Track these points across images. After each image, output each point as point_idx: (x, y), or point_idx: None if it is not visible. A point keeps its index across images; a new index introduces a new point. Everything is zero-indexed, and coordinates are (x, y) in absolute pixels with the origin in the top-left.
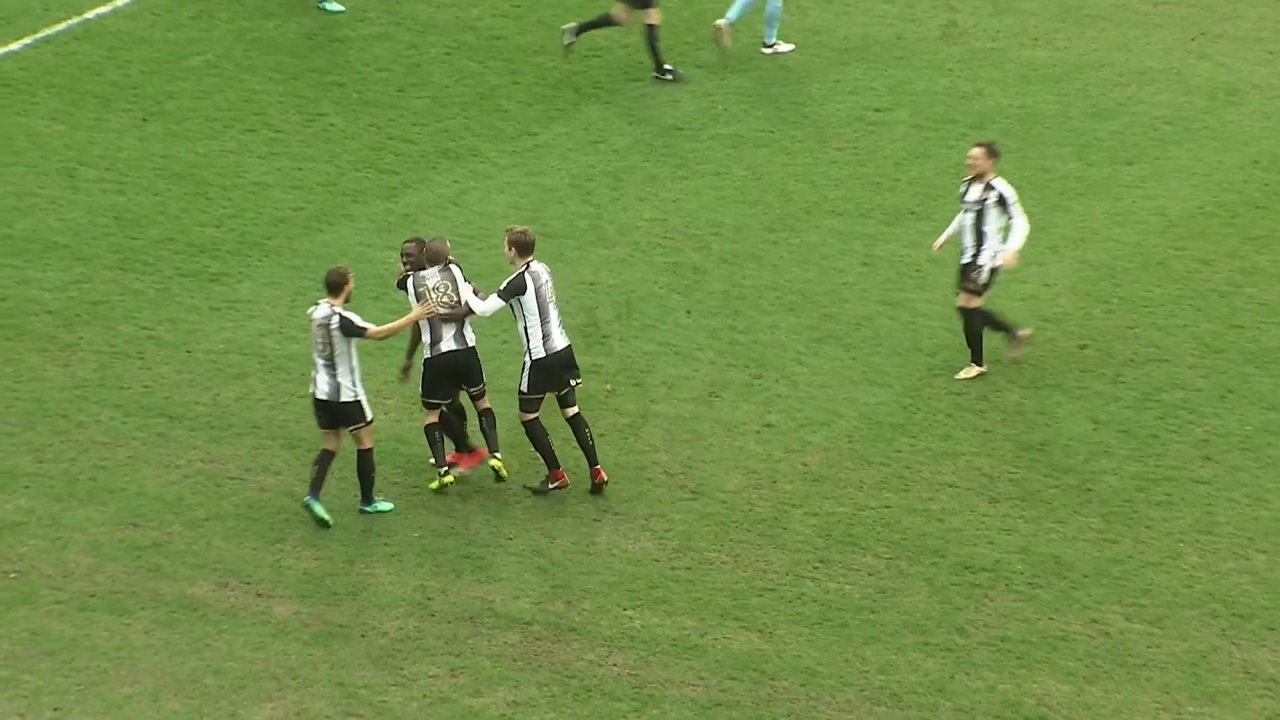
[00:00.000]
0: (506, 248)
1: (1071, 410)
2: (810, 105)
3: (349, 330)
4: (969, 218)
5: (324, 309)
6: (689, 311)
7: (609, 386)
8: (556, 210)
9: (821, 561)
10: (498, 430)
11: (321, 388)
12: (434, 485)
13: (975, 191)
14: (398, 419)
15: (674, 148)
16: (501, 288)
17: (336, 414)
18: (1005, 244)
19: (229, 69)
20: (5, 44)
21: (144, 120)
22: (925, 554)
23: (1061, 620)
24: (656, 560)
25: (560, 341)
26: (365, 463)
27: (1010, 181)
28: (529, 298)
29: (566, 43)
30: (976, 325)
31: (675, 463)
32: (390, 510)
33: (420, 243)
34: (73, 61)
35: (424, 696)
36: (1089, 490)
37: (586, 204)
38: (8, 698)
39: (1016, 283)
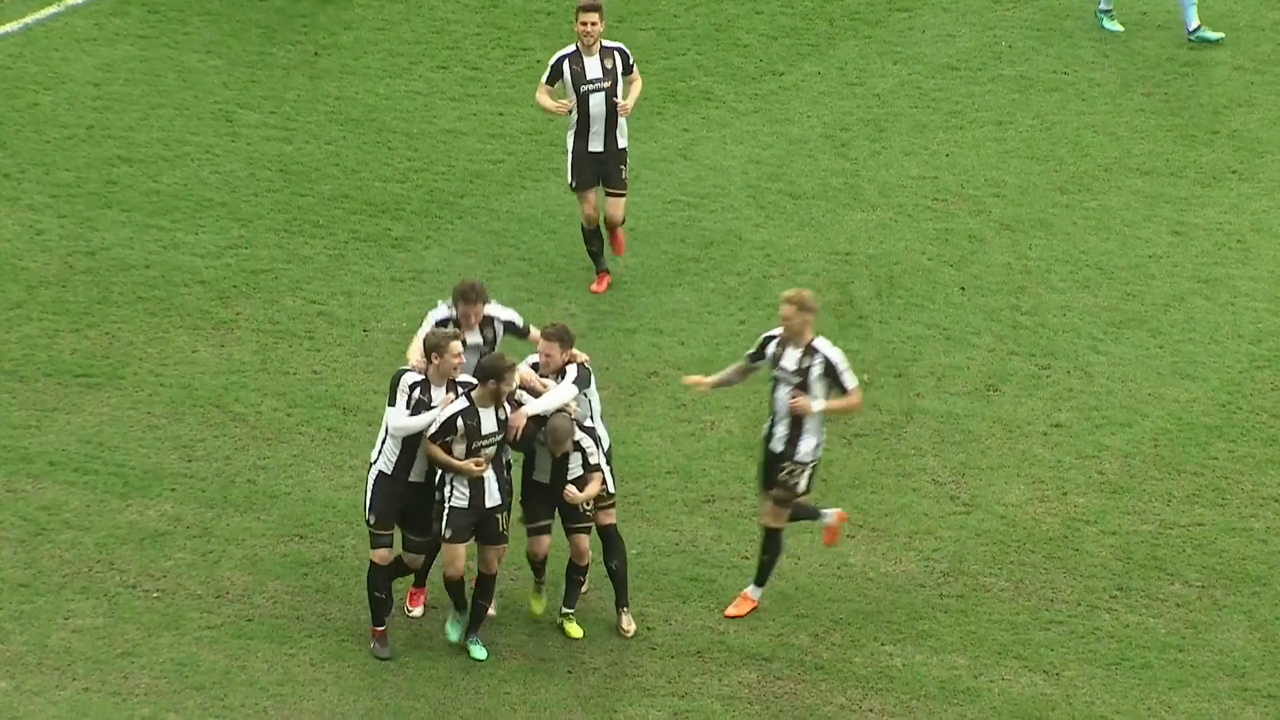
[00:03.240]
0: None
1: None
2: (1112, 42)
3: None
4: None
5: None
6: (963, 288)
7: (866, 377)
8: (805, 165)
9: (1120, 590)
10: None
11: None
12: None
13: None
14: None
15: (947, 92)
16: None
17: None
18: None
19: None
20: None
21: (315, 55)
22: (1245, 582)
23: None
24: (921, 586)
25: None
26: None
27: None
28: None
29: None
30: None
31: (945, 469)
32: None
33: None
34: None
35: None
36: None
37: (841, 158)
38: None
39: None
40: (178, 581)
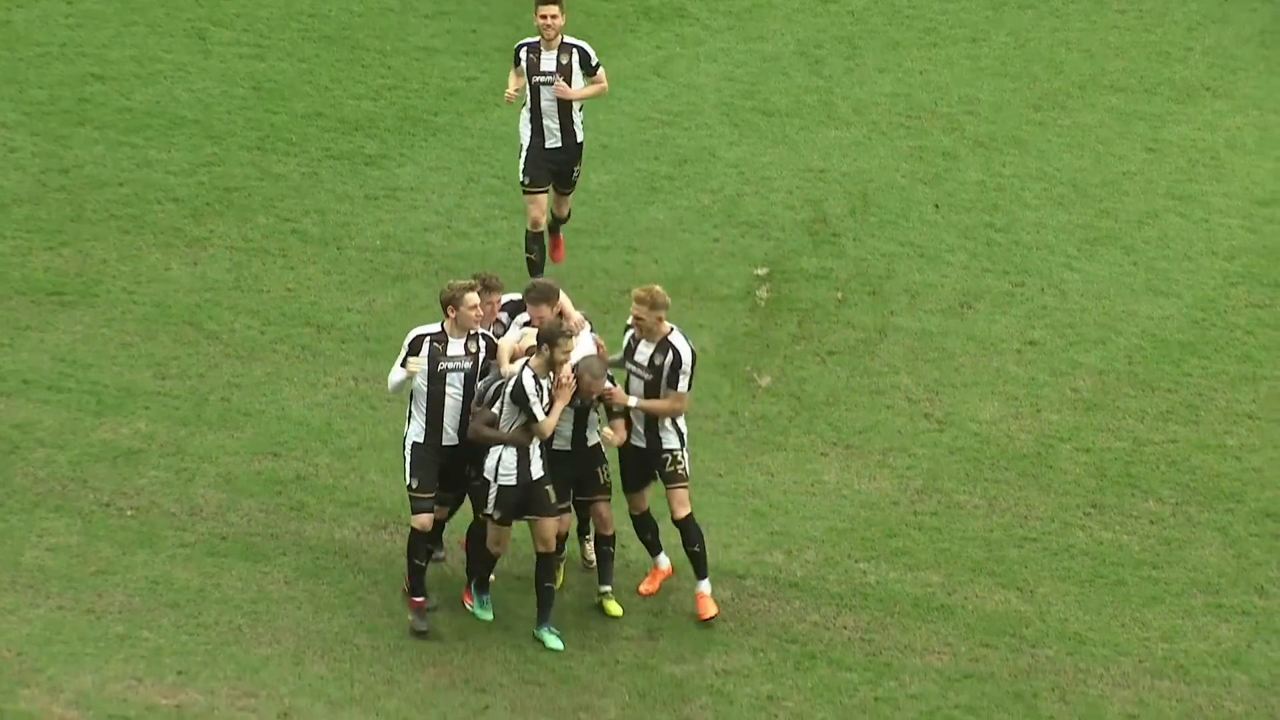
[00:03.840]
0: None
1: None
2: None
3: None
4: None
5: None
6: (937, 205)
7: (840, 294)
8: (779, 83)
9: (1094, 507)
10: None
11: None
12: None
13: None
14: None
15: (921, 8)
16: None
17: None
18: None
19: None
20: None
21: None
22: (1219, 498)
23: None
24: (895, 503)
25: None
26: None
27: None
28: None
29: None
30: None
31: (919, 386)
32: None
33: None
34: None
35: (616, 663)
36: None
37: (815, 76)
38: (123, 658)
39: None
40: (152, 499)
